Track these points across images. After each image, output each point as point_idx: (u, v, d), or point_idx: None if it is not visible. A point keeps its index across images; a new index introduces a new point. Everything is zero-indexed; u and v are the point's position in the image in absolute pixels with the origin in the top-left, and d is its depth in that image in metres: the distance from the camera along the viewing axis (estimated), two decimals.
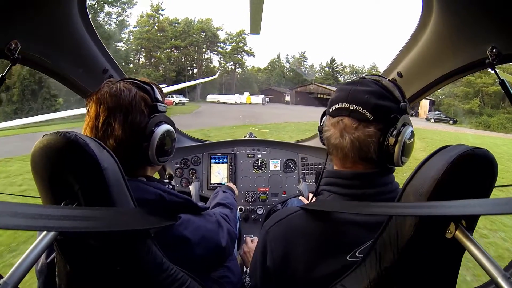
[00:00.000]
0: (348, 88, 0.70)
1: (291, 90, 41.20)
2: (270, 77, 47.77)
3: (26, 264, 0.43)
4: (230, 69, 43.97)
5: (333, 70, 50.73)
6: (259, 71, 49.41)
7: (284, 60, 51.95)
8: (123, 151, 0.70)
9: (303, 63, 51.48)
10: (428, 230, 0.52)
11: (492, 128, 22.19)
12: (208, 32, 40.65)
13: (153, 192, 0.72)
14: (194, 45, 39.53)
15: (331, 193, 0.71)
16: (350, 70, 50.77)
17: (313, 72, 50.85)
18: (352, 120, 0.67)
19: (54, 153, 0.50)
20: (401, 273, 0.56)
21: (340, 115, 0.69)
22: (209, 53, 42.56)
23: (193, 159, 1.92)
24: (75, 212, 0.46)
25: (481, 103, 25.44)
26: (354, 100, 0.67)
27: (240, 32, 42.70)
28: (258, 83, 46.22)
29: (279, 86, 44.85)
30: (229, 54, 42.77)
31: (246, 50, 43.70)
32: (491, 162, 0.51)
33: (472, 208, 0.45)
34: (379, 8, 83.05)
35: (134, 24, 35.58)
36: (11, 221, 0.37)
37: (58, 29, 0.96)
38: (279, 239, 0.70)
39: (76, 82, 1.18)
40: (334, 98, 0.72)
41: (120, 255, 0.57)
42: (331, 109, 0.71)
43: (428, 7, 0.89)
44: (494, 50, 0.81)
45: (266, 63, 52.86)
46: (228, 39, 42.83)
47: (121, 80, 0.79)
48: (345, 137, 0.68)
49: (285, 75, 49.57)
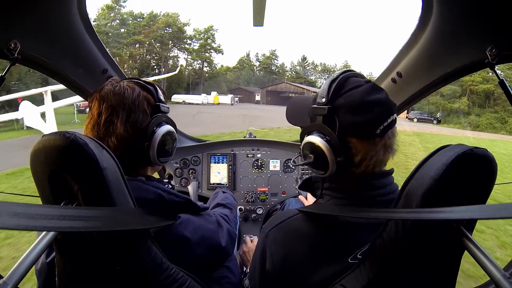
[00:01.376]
0: (382, 99, 0.62)
1: (262, 89, 39.84)
2: (240, 76, 46.18)
3: (26, 264, 0.43)
4: (198, 68, 41.98)
5: (304, 68, 50.12)
6: (229, 70, 47.42)
7: (254, 58, 50.73)
8: (124, 150, 0.71)
9: (273, 61, 50.02)
10: (428, 231, 0.52)
11: (481, 128, 21.45)
12: (173, 27, 37.88)
13: (153, 192, 0.72)
14: (158, 41, 37.32)
15: (331, 197, 0.70)
16: (322, 69, 50.24)
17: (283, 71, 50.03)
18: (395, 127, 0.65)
19: (53, 153, 0.50)
20: (400, 273, 0.56)
21: (389, 129, 0.62)
22: (176, 51, 40.16)
23: (192, 159, 1.92)
24: (74, 212, 0.46)
25: (469, 102, 24.62)
26: (392, 109, 0.63)
27: (208, 28, 40.69)
28: (227, 83, 44.43)
29: (249, 85, 43.53)
30: (197, 52, 40.72)
31: (215, 47, 41.75)
32: (491, 161, 0.51)
33: (471, 213, 0.45)
34: (350, 6, 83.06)
35: (93, 18, 32.36)
36: (11, 221, 0.37)
37: (58, 29, 0.95)
38: (279, 243, 0.69)
39: (75, 82, 1.18)
40: (376, 117, 0.61)
41: (119, 255, 0.57)
42: (379, 130, 0.60)
43: (428, 7, 0.89)
44: (493, 50, 0.81)
45: (236, 62, 51.24)
46: (195, 35, 40.62)
47: (125, 80, 0.79)
48: (390, 150, 0.65)
49: (255, 74, 48.45)
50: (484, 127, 21.51)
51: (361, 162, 0.63)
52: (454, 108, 24.55)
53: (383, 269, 0.56)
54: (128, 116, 0.72)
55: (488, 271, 0.45)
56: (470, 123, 22.76)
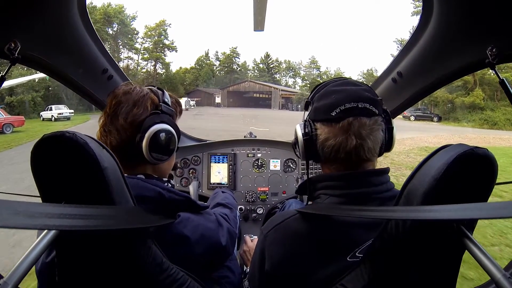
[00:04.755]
0: (347, 89, 0.69)
1: (222, 90, 36.42)
2: (198, 77, 42.40)
3: (26, 264, 0.43)
4: (153, 70, 36.98)
5: (268, 66, 47.63)
6: (187, 72, 43.64)
7: (213, 57, 46.70)
8: (122, 143, 0.76)
9: (234, 60, 46.36)
10: (428, 230, 0.53)
11: (499, 126, 17.40)
12: (114, 19, 31.88)
13: (152, 190, 0.72)
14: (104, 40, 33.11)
15: (328, 196, 0.71)
16: (286, 66, 48.28)
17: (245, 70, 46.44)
18: (367, 118, 0.67)
19: (53, 153, 0.50)
20: (401, 273, 0.56)
21: (349, 116, 0.66)
22: (126, 51, 34.80)
23: (193, 159, 1.92)
24: (75, 211, 0.46)
25: (484, 95, 20.16)
26: (360, 99, 0.67)
27: (160, 23, 35.59)
28: (185, 85, 40.99)
29: (208, 86, 40.21)
30: (147, 50, 35.66)
31: (167, 44, 36.68)
32: (491, 161, 0.51)
33: (471, 212, 0.45)
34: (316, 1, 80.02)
35: None
36: (11, 219, 0.37)
37: (58, 29, 0.96)
38: (277, 244, 0.70)
39: (75, 82, 1.18)
40: (333, 101, 0.68)
41: (119, 254, 0.57)
42: (334, 113, 0.67)
43: (428, 7, 0.90)
44: (494, 50, 0.82)
45: (193, 62, 47.00)
46: (147, 33, 35.78)
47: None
48: (358, 139, 0.66)
49: (214, 74, 44.54)
50: (502, 125, 17.48)
51: (324, 142, 0.70)
52: (467, 102, 19.95)
53: (383, 269, 0.56)
54: (131, 109, 0.77)
55: (489, 271, 0.44)
56: (486, 120, 18.35)
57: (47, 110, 18.27)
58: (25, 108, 20.46)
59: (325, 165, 0.76)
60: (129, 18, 34.08)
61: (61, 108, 18.35)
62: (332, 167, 0.73)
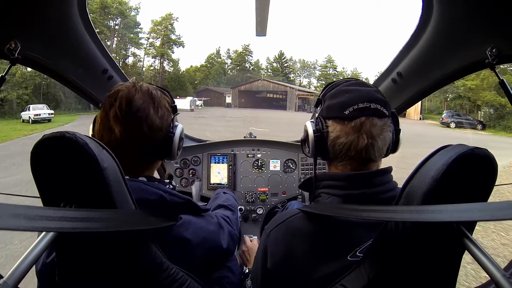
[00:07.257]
0: (359, 89, 0.70)
1: (233, 89, 34.00)
2: (208, 75, 41.12)
3: (26, 264, 0.44)
4: (159, 68, 35.46)
5: (282, 65, 46.11)
6: (197, 71, 42.30)
7: (225, 55, 45.22)
8: (149, 141, 0.76)
9: (247, 58, 44.87)
10: (428, 230, 0.53)
11: None
12: (111, 9, 29.31)
13: (154, 193, 0.72)
14: (99, 33, 31.75)
15: (330, 195, 0.72)
16: (301, 65, 47.21)
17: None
18: (378, 119, 0.68)
19: (53, 153, 0.50)
20: (401, 273, 0.56)
21: (362, 115, 0.67)
22: (132, 48, 33.29)
23: (193, 159, 1.92)
24: (75, 214, 0.47)
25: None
26: (372, 99, 0.68)
27: (167, 17, 33.53)
28: (194, 84, 39.54)
29: (219, 85, 38.59)
30: (153, 45, 33.82)
31: (174, 39, 34.62)
32: (491, 161, 0.51)
33: (472, 214, 0.45)
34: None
35: None
36: (11, 222, 0.37)
37: (58, 29, 0.96)
38: (280, 242, 0.70)
39: (75, 82, 1.18)
40: (346, 100, 0.69)
41: (120, 256, 0.58)
42: (347, 111, 0.67)
43: (428, 7, 0.89)
44: (494, 50, 0.82)
45: (204, 60, 45.50)
46: (153, 27, 33.92)
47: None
48: (370, 138, 0.67)
49: (226, 73, 42.78)
50: None
51: (335, 139, 0.70)
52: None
53: (383, 269, 0.56)
54: (157, 109, 0.77)
55: (488, 271, 0.44)
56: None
57: (26, 110, 16.10)
58: (12, 107, 18.98)
59: (333, 163, 0.76)
60: (130, 10, 31.94)
61: (39, 108, 15.87)
62: (339, 165, 0.74)
